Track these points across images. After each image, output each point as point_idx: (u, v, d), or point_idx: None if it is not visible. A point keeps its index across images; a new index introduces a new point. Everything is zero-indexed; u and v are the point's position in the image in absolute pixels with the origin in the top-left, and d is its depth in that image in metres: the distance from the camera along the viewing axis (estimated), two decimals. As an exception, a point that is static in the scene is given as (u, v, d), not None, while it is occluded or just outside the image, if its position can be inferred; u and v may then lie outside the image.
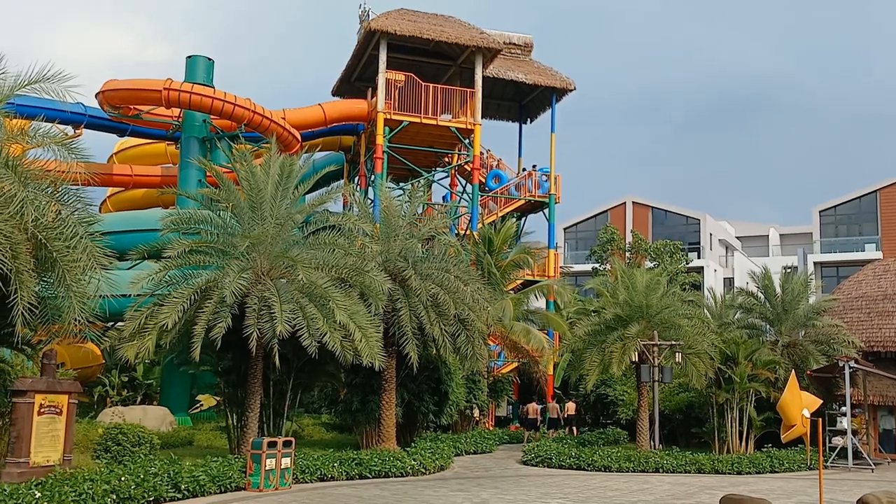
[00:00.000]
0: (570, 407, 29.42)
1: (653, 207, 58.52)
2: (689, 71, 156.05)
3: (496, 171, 35.29)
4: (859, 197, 56.41)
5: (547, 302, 32.91)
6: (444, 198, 36.36)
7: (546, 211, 35.24)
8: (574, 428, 29.16)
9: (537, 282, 31.94)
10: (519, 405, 33.90)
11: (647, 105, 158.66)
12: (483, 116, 32.47)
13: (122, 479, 12.29)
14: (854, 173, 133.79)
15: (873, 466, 21.41)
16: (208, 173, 23.22)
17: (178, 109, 28.76)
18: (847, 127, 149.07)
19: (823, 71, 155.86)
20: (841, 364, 22.05)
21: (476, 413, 27.58)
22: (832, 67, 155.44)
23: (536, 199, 34.94)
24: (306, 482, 15.76)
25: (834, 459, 21.85)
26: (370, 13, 31.43)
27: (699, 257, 54.32)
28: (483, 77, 31.99)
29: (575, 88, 35.46)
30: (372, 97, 31.39)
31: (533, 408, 27.52)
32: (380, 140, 30.02)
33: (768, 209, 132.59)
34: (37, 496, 10.91)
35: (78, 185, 13.23)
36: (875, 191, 55.63)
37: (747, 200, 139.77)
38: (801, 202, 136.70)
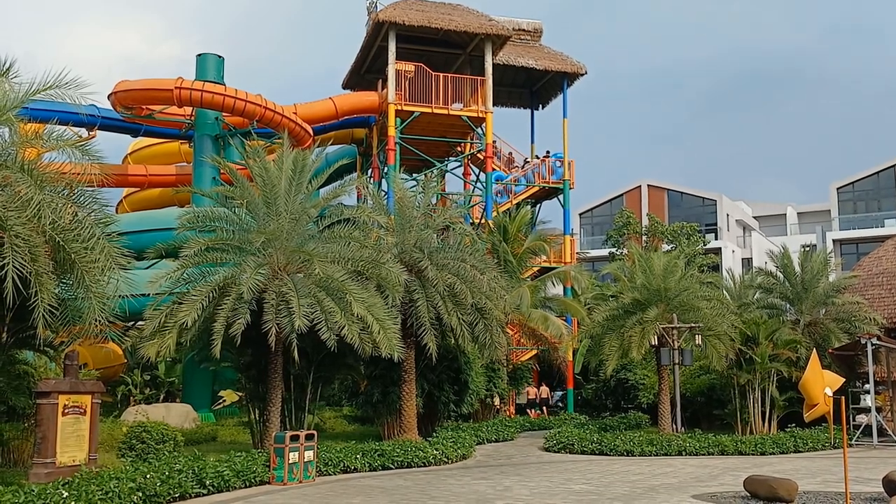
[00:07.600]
0: (544, 391, 32.98)
1: (668, 190, 58.16)
2: (705, 49, 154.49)
3: (498, 174, 35.17)
4: (877, 172, 55.84)
5: (564, 288, 32.85)
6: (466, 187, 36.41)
7: (561, 197, 35.14)
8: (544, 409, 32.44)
9: (554, 268, 31.89)
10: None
11: (663, 86, 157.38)
12: (494, 104, 32.36)
13: (148, 476, 12.38)
14: (872, 149, 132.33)
15: (899, 443, 21.26)
16: (222, 171, 23.27)
17: (191, 108, 28.85)
18: (864, 102, 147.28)
19: (842, 45, 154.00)
20: (863, 341, 21.88)
21: (496, 401, 27.63)
22: (850, 42, 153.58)
23: (550, 185, 34.85)
24: (330, 474, 15.85)
25: (858, 437, 21.71)
26: (378, 4, 31.38)
27: (716, 238, 53.97)
28: (493, 64, 31.87)
29: (586, 72, 35.29)
30: (382, 89, 31.36)
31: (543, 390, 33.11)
32: (392, 131, 30.01)
33: (787, 187, 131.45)
34: (64, 496, 11.01)
35: (93, 186, 13.30)
36: (893, 165, 55.01)
37: (765, 179, 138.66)
38: (820, 179, 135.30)
